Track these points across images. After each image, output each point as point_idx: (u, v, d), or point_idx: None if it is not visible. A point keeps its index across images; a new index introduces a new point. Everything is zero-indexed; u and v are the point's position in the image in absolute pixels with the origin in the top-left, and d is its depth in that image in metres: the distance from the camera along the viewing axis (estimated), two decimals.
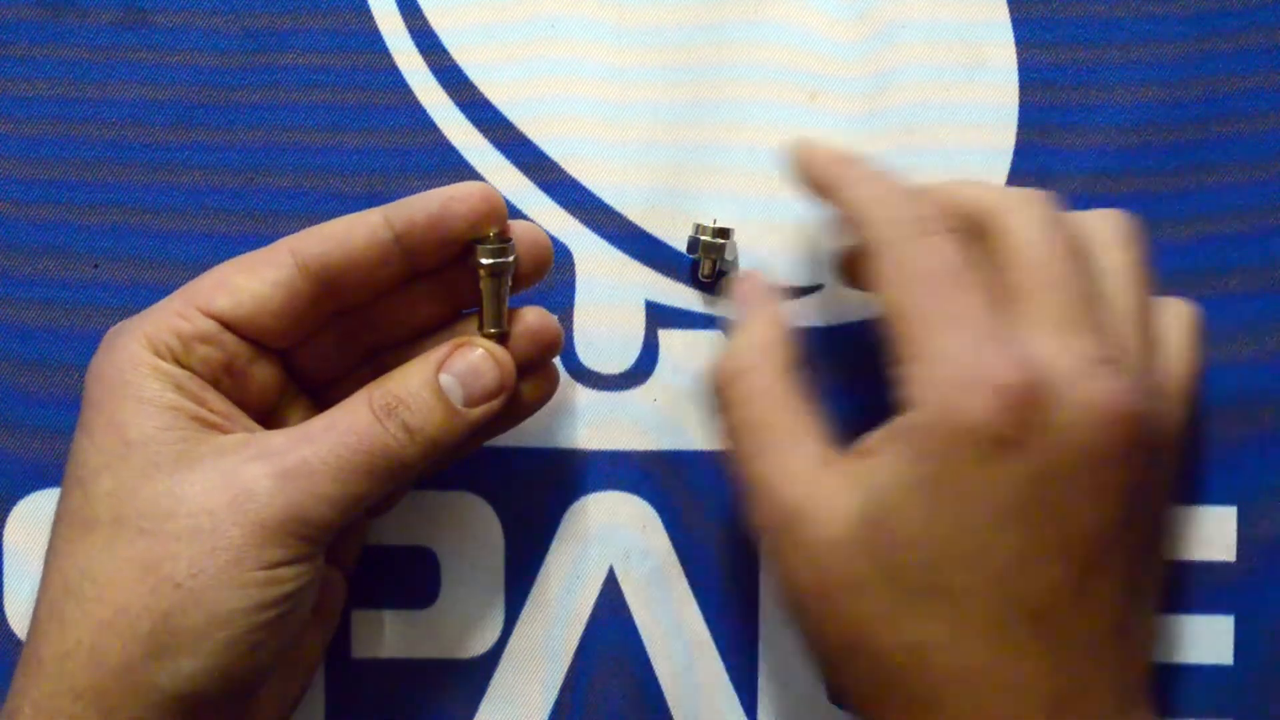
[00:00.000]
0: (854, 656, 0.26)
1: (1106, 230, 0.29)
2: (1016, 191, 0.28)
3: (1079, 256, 0.27)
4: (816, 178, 0.30)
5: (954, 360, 0.25)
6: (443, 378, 0.28)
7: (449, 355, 0.28)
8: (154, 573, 0.25)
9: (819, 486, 0.26)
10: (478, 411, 0.28)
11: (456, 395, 0.28)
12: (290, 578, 0.26)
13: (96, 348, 0.28)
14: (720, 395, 0.29)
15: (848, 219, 0.29)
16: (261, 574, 0.25)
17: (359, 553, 0.32)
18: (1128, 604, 0.26)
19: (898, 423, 0.26)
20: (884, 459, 0.26)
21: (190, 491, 0.25)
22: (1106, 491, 0.25)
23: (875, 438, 0.27)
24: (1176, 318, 0.30)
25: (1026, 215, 0.27)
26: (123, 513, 0.25)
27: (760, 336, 0.29)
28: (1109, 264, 0.28)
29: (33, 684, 0.25)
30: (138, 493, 0.25)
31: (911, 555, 0.25)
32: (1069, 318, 0.26)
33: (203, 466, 0.26)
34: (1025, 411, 0.24)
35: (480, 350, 0.28)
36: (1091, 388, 0.25)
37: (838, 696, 0.32)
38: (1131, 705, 0.26)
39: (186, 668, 0.25)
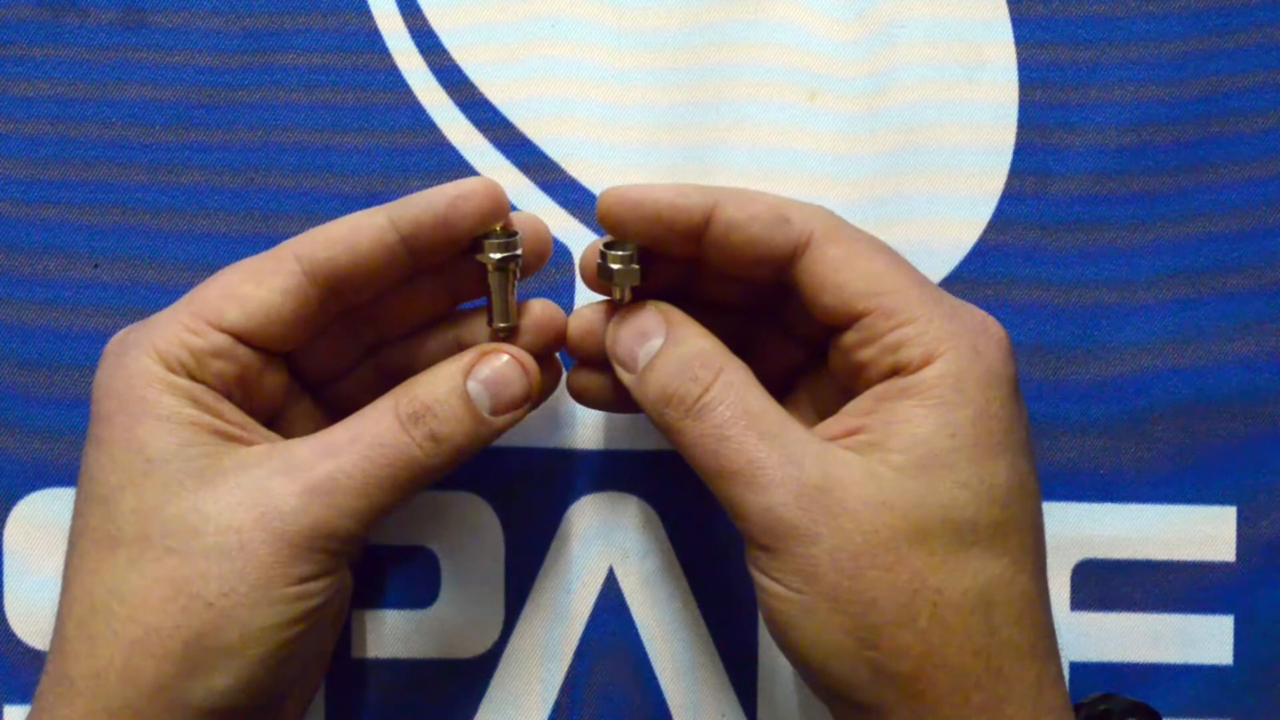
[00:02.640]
0: (912, 616, 0.24)
1: None
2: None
3: None
4: (690, 205, 0.27)
5: (966, 318, 0.26)
6: (470, 385, 0.27)
7: (476, 361, 0.28)
8: (184, 592, 0.25)
9: (835, 454, 0.25)
10: (504, 420, 0.27)
11: (484, 403, 0.27)
12: (318, 591, 0.26)
13: (97, 348, 0.27)
14: (689, 399, 0.26)
15: (755, 226, 0.27)
16: (291, 590, 0.25)
17: (364, 547, 0.32)
18: None
19: (902, 383, 0.26)
20: (914, 412, 0.25)
21: (215, 509, 0.25)
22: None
23: (858, 409, 0.26)
24: None
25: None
26: (147, 530, 0.25)
27: (707, 341, 0.27)
28: None
29: (63, 703, 0.25)
30: (162, 510, 0.25)
31: (969, 496, 0.25)
32: None
33: (226, 483, 0.25)
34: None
35: (507, 357, 0.28)
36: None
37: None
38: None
39: (220, 685, 0.25)
